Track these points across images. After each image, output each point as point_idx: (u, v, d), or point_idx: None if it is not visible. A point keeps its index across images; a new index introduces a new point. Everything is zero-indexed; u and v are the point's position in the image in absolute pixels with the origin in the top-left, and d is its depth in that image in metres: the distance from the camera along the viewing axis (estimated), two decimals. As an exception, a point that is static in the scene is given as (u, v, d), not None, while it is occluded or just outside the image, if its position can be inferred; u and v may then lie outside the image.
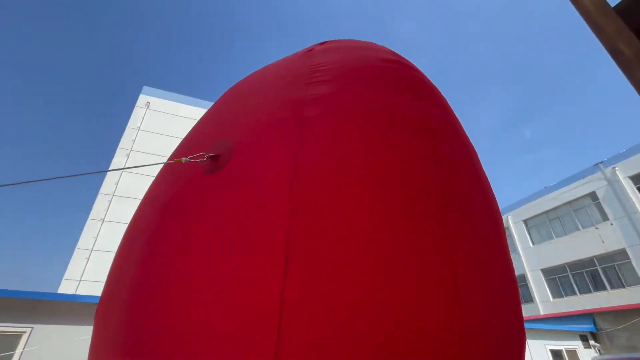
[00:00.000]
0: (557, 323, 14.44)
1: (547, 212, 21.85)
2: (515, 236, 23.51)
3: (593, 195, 19.11)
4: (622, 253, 17.02)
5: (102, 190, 14.69)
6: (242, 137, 1.67)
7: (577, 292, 19.28)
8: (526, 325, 10.18)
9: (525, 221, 23.29)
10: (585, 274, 19.10)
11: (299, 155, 1.47)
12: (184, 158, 1.65)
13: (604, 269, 18.07)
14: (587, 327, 11.48)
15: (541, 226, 22.17)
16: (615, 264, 17.47)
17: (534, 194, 23.46)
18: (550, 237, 21.31)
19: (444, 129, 1.69)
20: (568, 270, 20.06)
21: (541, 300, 21.24)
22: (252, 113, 1.79)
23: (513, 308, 1.58)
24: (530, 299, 21.97)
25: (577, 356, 10.39)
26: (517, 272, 22.67)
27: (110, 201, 14.57)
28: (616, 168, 17.84)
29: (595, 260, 18.46)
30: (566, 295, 19.92)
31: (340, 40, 2.35)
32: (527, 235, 22.86)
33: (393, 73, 1.88)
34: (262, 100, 1.84)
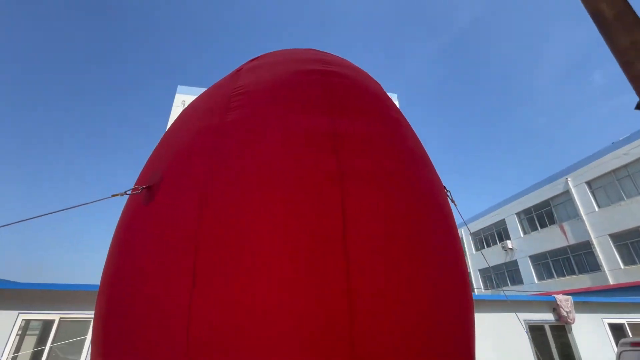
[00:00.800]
0: (622, 294, 13.11)
1: (615, 170, 19.31)
2: (577, 200, 21.28)
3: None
4: None
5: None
6: (167, 168, 1.83)
7: (654, 258, 17.14)
8: (576, 298, 9.46)
9: (588, 182, 20.89)
10: (664, 238, 16.82)
11: (208, 187, 1.59)
12: (127, 190, 1.87)
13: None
14: (658, 298, 10.30)
15: (608, 187, 19.73)
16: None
17: (598, 151, 20.81)
18: (620, 199, 18.92)
19: (354, 142, 1.68)
20: (643, 235, 17.81)
21: (610, 268, 19.29)
22: (178, 142, 1.92)
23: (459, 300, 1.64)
24: (597, 268, 20.07)
25: (644, 330, 9.44)
26: (581, 240, 20.87)
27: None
28: None
29: (677, 222, 16.11)
30: (640, 261, 17.81)
31: (270, 54, 2.34)
32: (592, 198, 20.55)
33: (306, 87, 1.86)
34: (187, 128, 1.96)
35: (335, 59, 2.26)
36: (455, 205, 2.58)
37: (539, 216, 24.78)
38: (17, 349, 6.43)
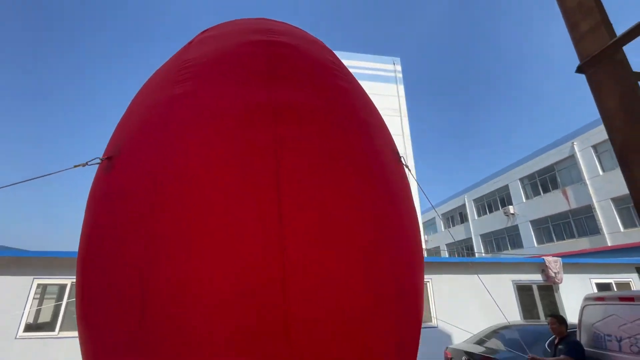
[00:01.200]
0: (615, 256, 13.38)
1: (622, 134, 18.84)
2: (582, 165, 21.07)
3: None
4: None
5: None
6: (125, 140, 1.95)
7: (654, 221, 17.22)
8: (566, 260, 9.75)
9: (594, 147, 20.55)
10: (665, 201, 16.75)
11: (161, 160, 1.72)
12: (88, 161, 2.02)
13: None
14: (649, 259, 10.53)
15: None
16: None
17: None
18: (625, 163, 18.64)
19: (293, 114, 1.76)
20: (644, 198, 17.73)
21: (610, 231, 19.50)
22: (137, 114, 2.03)
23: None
24: (596, 231, 20.31)
25: (631, 288, 9.78)
26: (582, 204, 20.93)
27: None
28: None
29: (680, 185, 15.95)
30: (640, 225, 17.92)
31: (222, 25, 2.34)
32: (597, 162, 20.31)
33: (249, 60, 1.91)
34: (144, 100, 2.05)
35: (285, 29, 2.27)
36: (410, 170, 2.69)
37: (543, 181, 24.74)
38: (38, 310, 7.03)
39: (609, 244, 19.08)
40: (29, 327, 6.72)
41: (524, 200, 26.41)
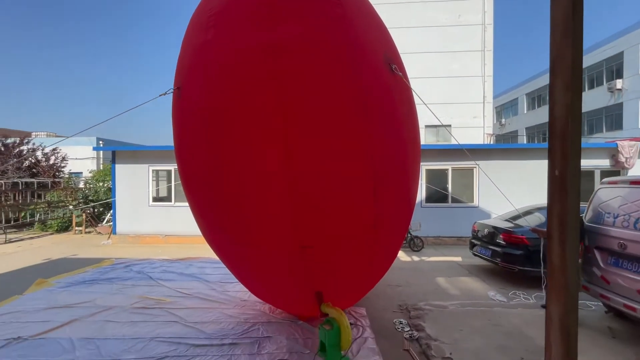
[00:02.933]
0: None
1: None
2: None
3: None
4: None
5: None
6: (183, 76, 2.81)
7: None
8: None
9: None
10: None
11: (203, 89, 2.51)
12: (167, 91, 2.96)
13: None
14: None
15: None
16: None
17: None
18: None
19: (292, 48, 2.33)
20: None
21: None
22: (187, 54, 2.81)
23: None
24: None
25: None
26: None
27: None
28: None
29: None
30: None
31: None
32: None
33: (256, 6, 2.38)
34: (189, 42, 2.82)
35: None
36: (402, 77, 2.98)
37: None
38: (157, 190, 9.73)
39: None
40: (154, 199, 9.55)
41: (640, 71, 21.46)
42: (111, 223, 10.16)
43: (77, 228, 11.50)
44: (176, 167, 9.39)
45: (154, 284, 5.59)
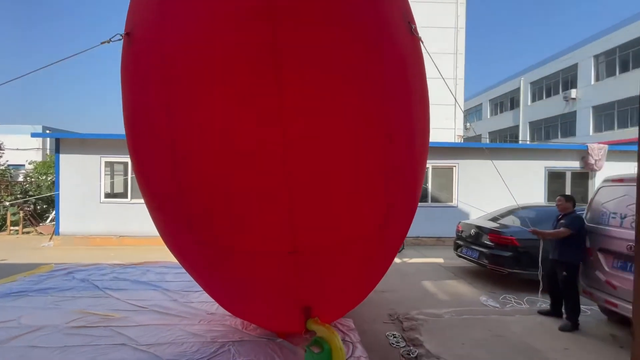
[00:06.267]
0: None
1: None
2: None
3: None
4: None
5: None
6: (138, 19, 2.17)
7: None
8: (614, 147, 9.08)
9: None
10: None
11: (164, 30, 1.89)
12: (112, 38, 2.20)
13: None
14: None
15: None
16: None
17: None
18: None
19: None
20: None
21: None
22: None
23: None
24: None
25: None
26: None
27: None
28: None
29: None
30: None
31: None
32: None
33: None
34: None
35: None
36: (421, 40, 2.49)
37: (624, 58, 21.01)
38: (111, 183, 8.57)
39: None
40: (107, 195, 8.37)
41: (593, 82, 23.12)
42: (55, 222, 8.85)
43: (12, 228, 9.96)
44: None
45: (101, 295, 4.67)
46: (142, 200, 8.56)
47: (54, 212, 9.78)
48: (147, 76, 1.98)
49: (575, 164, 9.08)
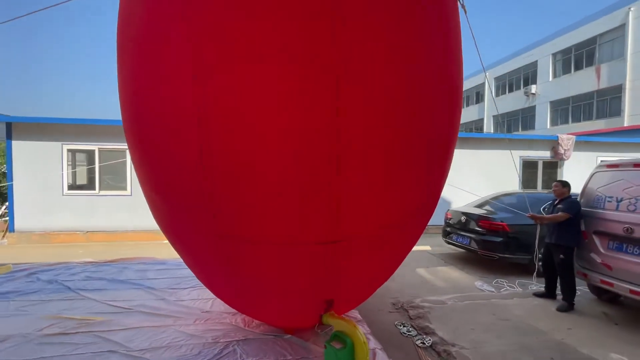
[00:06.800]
0: (629, 136, 13.20)
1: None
2: (630, 36, 18.59)
3: None
4: None
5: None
6: None
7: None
8: (580, 138, 9.70)
9: (653, 13, 17.64)
10: None
11: None
12: None
13: None
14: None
15: (675, 19, 16.73)
16: None
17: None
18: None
19: None
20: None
21: (631, 113, 18.83)
22: None
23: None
24: (617, 113, 19.60)
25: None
26: (613, 83, 19.53)
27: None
28: None
29: None
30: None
31: None
32: (648, 35, 17.86)
33: None
34: None
35: None
36: (465, 12, 2.34)
37: (578, 57, 22.56)
38: (74, 174, 7.71)
39: (625, 124, 18.68)
40: (71, 187, 7.53)
41: (551, 79, 24.68)
42: (7, 217, 7.86)
43: (-47, 225, 8.71)
44: (100, 146, 7.55)
45: (75, 297, 4.16)
46: (113, 193, 7.86)
47: (5, 206, 8.71)
48: (167, 33, 1.60)
49: (546, 154, 9.59)
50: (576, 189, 4.41)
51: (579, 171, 9.52)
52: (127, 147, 2.37)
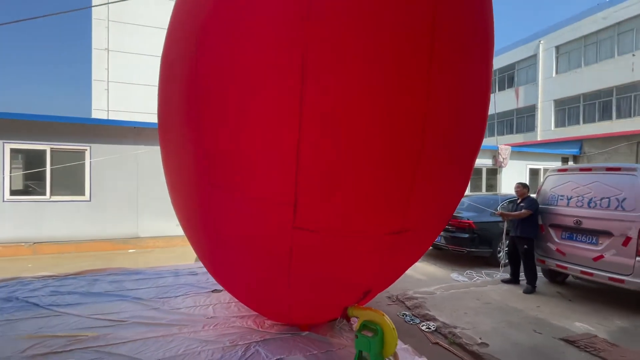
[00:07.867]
0: (548, 147, 15.68)
1: (586, 36, 19.52)
2: (541, 65, 22.09)
3: (650, 14, 16.49)
4: (647, 83, 16.39)
5: (95, 15, 13.76)
6: None
7: (581, 122, 19.87)
8: (513, 149, 11.31)
9: (557, 47, 21.25)
10: (596, 105, 19.09)
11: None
12: None
13: (618, 100, 17.88)
14: (572, 151, 12.65)
15: (573, 53, 20.37)
16: (633, 94, 17.11)
17: (580, 13, 20.26)
18: (578, 66, 19.97)
19: None
20: (581, 101, 19.93)
21: (543, 129, 22.24)
22: None
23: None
24: (532, 129, 23.02)
25: (552, 174, 12.03)
26: (529, 103, 22.89)
27: (108, 28, 13.92)
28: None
29: (614, 91, 18.00)
30: (569, 124, 20.62)
31: None
32: (554, 64, 21.42)
33: None
34: None
35: None
36: None
37: (501, 79, 25.90)
38: (22, 177, 6.68)
39: (538, 139, 22.06)
40: (14, 192, 6.50)
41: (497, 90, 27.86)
42: None
43: None
44: (53, 146, 6.60)
45: (49, 314, 3.68)
46: (66, 198, 6.95)
47: None
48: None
49: (488, 162, 10.98)
50: (510, 191, 5.25)
51: (513, 176, 11.07)
52: (86, 148, 2.28)
